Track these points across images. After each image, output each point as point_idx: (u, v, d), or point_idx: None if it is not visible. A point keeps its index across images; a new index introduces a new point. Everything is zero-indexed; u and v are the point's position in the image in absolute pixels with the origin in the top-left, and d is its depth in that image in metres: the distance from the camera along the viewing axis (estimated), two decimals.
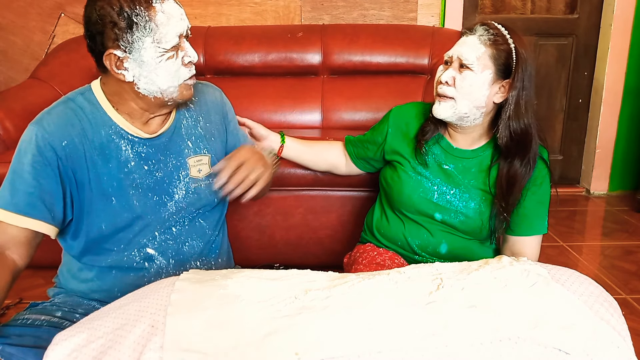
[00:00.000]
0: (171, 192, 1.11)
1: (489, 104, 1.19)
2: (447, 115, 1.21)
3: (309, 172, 1.78)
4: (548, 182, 1.24)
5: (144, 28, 0.95)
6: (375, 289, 0.82)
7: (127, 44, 0.96)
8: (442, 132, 1.29)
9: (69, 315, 1.06)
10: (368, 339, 0.72)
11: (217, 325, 0.75)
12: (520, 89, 1.17)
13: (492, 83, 1.17)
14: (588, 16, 2.89)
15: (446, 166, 1.28)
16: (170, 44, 0.97)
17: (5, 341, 0.91)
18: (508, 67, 1.17)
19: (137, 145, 1.07)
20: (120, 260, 1.09)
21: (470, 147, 1.27)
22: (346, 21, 2.68)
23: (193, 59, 1.03)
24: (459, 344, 0.72)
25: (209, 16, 2.64)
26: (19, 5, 2.58)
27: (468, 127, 1.24)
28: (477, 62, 1.15)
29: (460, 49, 1.18)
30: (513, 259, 0.92)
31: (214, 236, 1.21)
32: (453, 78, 1.18)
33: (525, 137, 1.18)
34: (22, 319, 1.00)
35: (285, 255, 1.88)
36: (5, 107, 1.95)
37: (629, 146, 2.93)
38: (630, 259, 2.15)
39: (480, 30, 1.18)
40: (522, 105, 1.17)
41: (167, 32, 0.96)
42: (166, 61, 0.98)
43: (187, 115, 1.16)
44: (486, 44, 1.16)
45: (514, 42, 1.16)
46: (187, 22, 1.01)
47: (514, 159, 1.19)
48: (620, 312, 0.83)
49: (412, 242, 1.30)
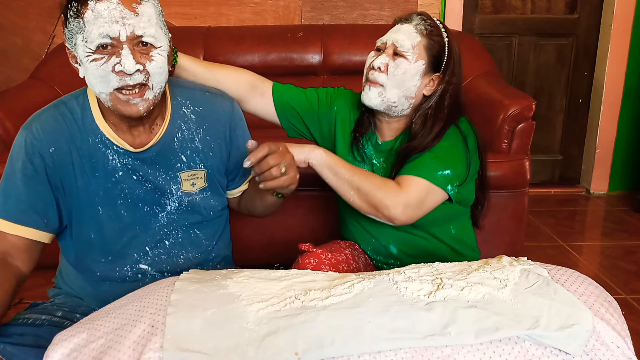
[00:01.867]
0: (163, 203, 1.07)
1: (418, 95, 1.18)
2: (376, 103, 1.17)
3: (309, 172, 1.78)
4: (452, 141, 1.17)
5: (76, 24, 0.91)
6: (375, 289, 0.82)
7: (69, 38, 0.94)
8: (373, 128, 1.27)
9: (70, 315, 1.05)
10: (368, 339, 0.72)
11: (217, 325, 0.75)
12: (448, 84, 1.17)
13: (424, 74, 1.16)
14: (588, 16, 2.89)
15: (376, 162, 1.26)
16: (93, 44, 0.90)
17: (7, 340, 0.91)
18: (439, 60, 1.16)
19: (123, 157, 1.03)
20: (112, 275, 1.07)
21: (392, 138, 1.25)
22: (346, 21, 2.68)
23: (124, 69, 0.90)
24: (459, 344, 0.72)
25: (209, 16, 2.63)
26: (19, 5, 2.58)
27: (394, 117, 1.22)
28: (412, 51, 1.14)
29: (395, 35, 1.15)
30: (513, 259, 0.92)
31: (211, 246, 1.16)
32: (386, 65, 1.15)
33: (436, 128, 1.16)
34: (22, 318, 1.00)
35: (285, 255, 1.87)
36: (5, 107, 1.96)
37: (629, 146, 2.93)
38: (630, 259, 2.15)
39: (417, 20, 1.16)
40: (446, 100, 1.17)
41: (91, 31, 0.89)
42: (91, 62, 0.91)
43: (184, 127, 1.08)
44: (422, 34, 1.15)
45: (447, 37, 1.16)
46: (132, 28, 0.90)
47: (415, 138, 1.17)
48: (620, 312, 0.83)
49: (365, 248, 1.30)
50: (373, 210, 1.11)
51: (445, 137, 1.16)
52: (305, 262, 1.14)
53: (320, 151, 1.11)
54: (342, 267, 1.16)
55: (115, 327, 0.77)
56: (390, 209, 1.09)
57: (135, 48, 0.92)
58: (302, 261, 1.15)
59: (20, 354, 0.89)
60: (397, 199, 1.09)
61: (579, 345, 0.72)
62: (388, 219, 1.11)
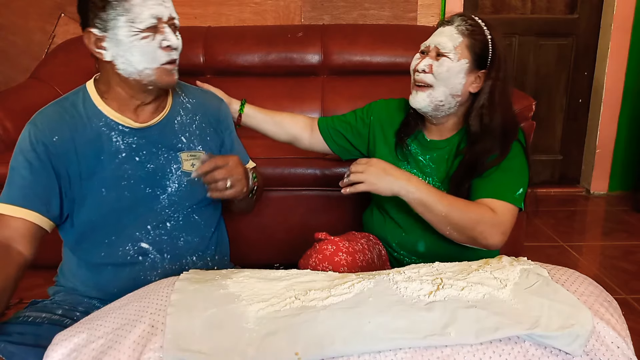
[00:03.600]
0: (164, 184, 1.12)
1: (464, 93, 1.20)
2: (424, 105, 1.21)
3: (309, 172, 1.78)
4: (520, 158, 1.20)
5: (118, 7, 0.98)
6: (375, 289, 0.82)
7: (103, 22, 1.00)
8: (420, 127, 1.31)
9: (70, 313, 1.07)
10: (368, 339, 0.72)
11: (217, 325, 0.75)
12: (495, 80, 1.18)
13: (469, 72, 1.18)
14: (588, 16, 2.89)
15: (422, 158, 1.29)
16: (144, 24, 0.99)
17: (7, 339, 0.92)
18: (484, 57, 1.18)
19: (128, 136, 1.09)
20: (114, 255, 1.10)
21: (443, 138, 1.28)
22: (346, 21, 2.68)
23: (172, 44, 1.03)
24: (459, 344, 0.72)
25: (209, 16, 2.64)
26: (19, 5, 2.58)
27: (442, 117, 1.24)
28: (454, 51, 1.17)
29: (437, 38, 1.19)
30: (513, 259, 0.93)
31: (209, 232, 1.21)
32: (430, 66, 1.19)
33: (494, 127, 1.19)
34: (22, 316, 1.02)
35: (285, 255, 1.88)
36: (5, 107, 1.96)
37: (629, 146, 2.93)
38: (630, 259, 2.15)
39: (458, 21, 1.19)
40: (496, 96, 1.19)
41: (141, 12, 0.98)
42: (140, 41, 1.00)
43: (183, 112, 1.17)
44: (463, 34, 1.17)
45: (490, 34, 1.18)
46: (170, 11, 1.03)
47: (476, 143, 1.20)
48: (620, 312, 0.83)
49: (391, 241, 1.32)
50: (471, 242, 1.15)
51: (513, 151, 1.19)
52: (323, 248, 1.17)
53: (413, 187, 1.12)
54: (358, 257, 1.19)
55: (115, 327, 0.77)
56: (489, 240, 1.12)
57: (171, 28, 1.04)
58: (319, 247, 1.18)
59: (20, 353, 0.90)
60: (495, 230, 1.12)
61: (579, 345, 0.72)
62: (484, 247, 1.15)
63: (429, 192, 1.12)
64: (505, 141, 1.18)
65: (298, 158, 1.77)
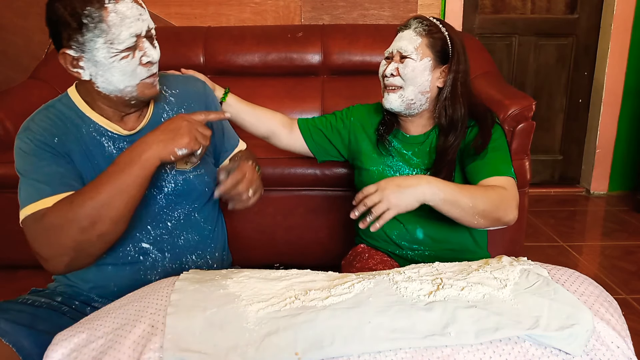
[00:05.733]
0: (160, 185, 1.12)
1: (432, 88, 1.28)
2: (396, 105, 1.28)
3: (309, 172, 1.78)
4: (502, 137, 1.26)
5: (95, 29, 0.93)
6: (375, 288, 0.82)
7: (79, 44, 0.95)
8: (397, 126, 1.38)
9: (69, 302, 1.08)
10: (368, 339, 0.72)
11: (217, 325, 0.75)
12: (456, 72, 1.27)
13: (433, 69, 1.27)
14: (588, 16, 2.89)
15: (405, 152, 1.35)
16: (124, 44, 0.95)
17: (3, 315, 0.92)
18: (445, 53, 1.27)
19: (118, 142, 1.08)
20: (115, 255, 1.09)
21: (421, 132, 1.35)
22: (346, 21, 2.68)
23: (152, 59, 1.00)
24: (459, 344, 0.72)
25: (209, 16, 2.64)
26: (19, 5, 2.58)
27: (416, 114, 1.32)
28: (415, 52, 1.25)
29: (398, 43, 1.28)
30: (513, 259, 0.93)
31: (209, 230, 1.22)
32: (396, 69, 1.27)
33: (458, 117, 1.26)
34: (23, 298, 1.04)
35: (285, 255, 1.88)
36: (5, 107, 1.96)
37: (629, 146, 2.93)
38: (630, 259, 2.15)
39: (415, 24, 1.27)
40: (458, 87, 1.27)
41: (119, 32, 0.94)
42: (120, 61, 0.96)
43: (167, 108, 1.15)
44: (422, 35, 1.26)
45: (447, 31, 1.27)
46: (147, 22, 0.99)
47: (447, 135, 1.27)
48: (620, 312, 0.83)
49: (390, 234, 1.34)
50: (494, 223, 1.15)
51: (497, 132, 1.25)
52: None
53: (432, 189, 1.08)
54: None
55: (115, 327, 0.77)
56: (510, 215, 1.14)
57: (149, 41, 1.00)
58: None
59: (13, 332, 0.89)
60: (513, 204, 1.15)
61: (579, 345, 0.72)
62: (505, 224, 1.17)
63: (450, 188, 1.09)
64: (485, 126, 1.25)
65: (298, 158, 1.77)
